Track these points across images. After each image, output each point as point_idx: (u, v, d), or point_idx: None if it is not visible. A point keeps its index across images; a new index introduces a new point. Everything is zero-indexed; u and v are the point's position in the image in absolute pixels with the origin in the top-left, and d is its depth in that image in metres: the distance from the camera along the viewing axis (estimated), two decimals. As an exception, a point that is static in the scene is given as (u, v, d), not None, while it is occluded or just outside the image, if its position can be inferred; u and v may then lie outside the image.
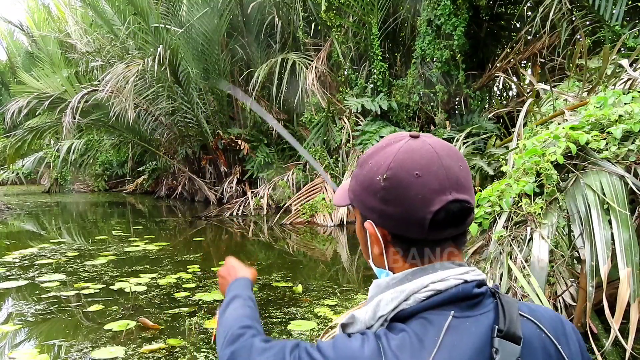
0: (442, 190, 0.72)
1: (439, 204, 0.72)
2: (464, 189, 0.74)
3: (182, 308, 4.60)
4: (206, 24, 11.95)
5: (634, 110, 2.73)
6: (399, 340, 0.69)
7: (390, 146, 0.77)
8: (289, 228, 9.63)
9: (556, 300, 3.04)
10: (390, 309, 0.73)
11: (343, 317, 2.91)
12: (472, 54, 9.76)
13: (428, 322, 0.71)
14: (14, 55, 24.23)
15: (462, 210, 0.74)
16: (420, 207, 0.72)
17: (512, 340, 0.70)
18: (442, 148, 0.75)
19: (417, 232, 0.74)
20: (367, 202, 0.78)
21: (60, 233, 9.88)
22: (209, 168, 14.18)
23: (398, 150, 0.75)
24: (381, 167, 0.75)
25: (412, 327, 0.71)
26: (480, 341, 0.70)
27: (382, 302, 0.74)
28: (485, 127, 8.78)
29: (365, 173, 0.78)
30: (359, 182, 0.79)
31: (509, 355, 0.69)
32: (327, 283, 5.57)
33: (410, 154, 0.74)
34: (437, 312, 0.72)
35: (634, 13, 7.63)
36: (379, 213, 0.76)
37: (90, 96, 12.65)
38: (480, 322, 0.72)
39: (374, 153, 0.79)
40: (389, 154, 0.75)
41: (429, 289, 0.73)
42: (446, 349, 0.68)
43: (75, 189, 20.51)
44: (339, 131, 10.51)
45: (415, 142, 0.75)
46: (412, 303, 0.72)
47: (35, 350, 3.71)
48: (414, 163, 0.73)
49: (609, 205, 2.49)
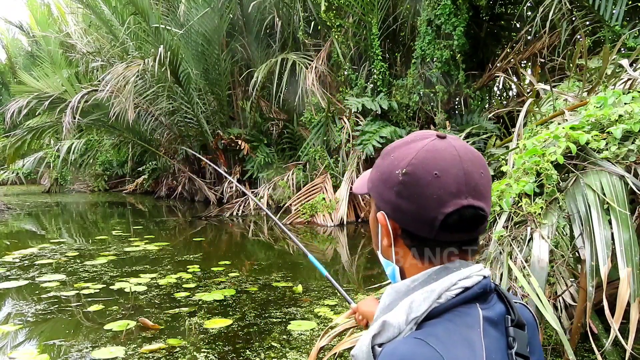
0: (459, 194, 0.72)
1: (453, 206, 0.72)
2: (481, 196, 0.74)
3: (182, 308, 4.60)
4: (206, 24, 11.94)
5: (634, 110, 2.73)
6: (443, 327, 0.71)
7: (415, 142, 0.77)
8: (289, 228, 9.63)
9: (556, 300, 3.04)
10: (424, 309, 0.73)
11: (342, 317, 2.91)
12: (472, 54, 9.76)
13: (464, 314, 0.73)
14: (14, 55, 24.22)
15: (475, 217, 0.74)
16: (434, 207, 0.73)
17: (520, 327, 0.76)
18: (466, 152, 0.75)
19: (426, 231, 0.75)
20: (383, 194, 0.78)
21: (60, 233, 9.88)
22: (209, 168, 14.18)
23: (422, 148, 0.75)
24: (402, 161, 0.75)
25: (450, 320, 0.72)
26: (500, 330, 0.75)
27: (414, 304, 0.73)
28: (485, 127, 8.78)
29: (386, 165, 0.78)
30: (379, 173, 0.80)
31: (522, 341, 0.74)
32: (327, 283, 5.56)
33: (433, 153, 0.74)
34: (467, 307, 0.74)
35: (634, 13, 7.63)
36: (393, 206, 0.77)
37: (90, 96, 12.65)
38: (497, 314, 0.76)
39: (398, 146, 0.79)
40: (412, 150, 0.76)
41: (458, 286, 0.74)
42: (486, 336, 0.71)
43: (75, 189, 20.50)
44: (339, 131, 10.50)
45: (440, 143, 0.76)
46: (444, 301, 0.73)
47: (35, 350, 3.71)
48: (435, 163, 0.73)
49: (609, 205, 2.49)
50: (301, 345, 3.69)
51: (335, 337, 2.74)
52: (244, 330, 4.05)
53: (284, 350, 3.61)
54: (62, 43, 18.21)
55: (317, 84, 10.77)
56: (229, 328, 4.09)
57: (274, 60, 11.60)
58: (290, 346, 3.69)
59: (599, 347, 2.60)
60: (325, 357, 2.73)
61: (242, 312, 4.49)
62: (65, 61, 17.74)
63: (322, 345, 2.68)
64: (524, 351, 0.74)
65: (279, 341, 3.79)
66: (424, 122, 10.02)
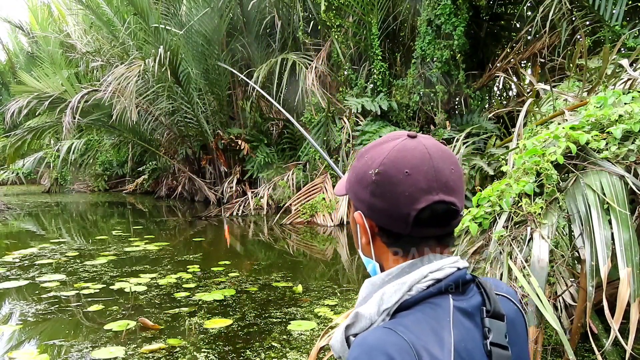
0: (429, 190, 0.75)
1: (425, 202, 0.75)
2: (452, 191, 0.77)
3: (182, 308, 4.60)
4: (206, 24, 11.94)
5: (634, 110, 2.73)
6: (412, 317, 0.73)
7: (386, 143, 0.80)
8: (289, 228, 9.63)
9: (556, 300, 3.04)
10: (395, 300, 0.75)
11: (343, 317, 2.91)
12: (472, 54, 9.75)
13: (434, 305, 0.75)
14: (14, 55, 24.22)
15: (447, 212, 0.77)
16: (406, 204, 0.75)
17: (498, 318, 0.77)
18: (437, 150, 0.78)
19: (401, 228, 0.77)
20: (359, 194, 0.81)
21: (60, 233, 9.88)
22: (209, 168, 14.18)
23: (393, 148, 0.78)
24: (375, 161, 0.78)
25: (420, 310, 0.74)
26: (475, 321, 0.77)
27: (385, 295, 0.76)
28: (485, 127, 8.77)
29: (360, 166, 0.81)
30: (355, 174, 0.83)
31: (498, 331, 0.76)
32: (327, 283, 5.57)
33: (403, 153, 0.77)
34: (439, 298, 0.76)
35: (634, 13, 7.63)
36: (368, 205, 0.80)
37: (90, 96, 12.64)
38: (472, 305, 0.78)
39: (371, 148, 0.82)
40: (384, 150, 0.79)
41: (428, 278, 0.76)
42: (456, 326, 0.73)
43: (75, 189, 20.50)
44: (339, 131, 10.51)
45: (410, 142, 0.78)
46: (414, 293, 0.75)
47: (35, 350, 3.71)
48: (405, 161, 0.76)
49: (609, 205, 2.49)
50: (301, 345, 3.69)
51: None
52: (244, 330, 4.05)
53: (284, 350, 3.61)
54: (62, 43, 18.21)
55: (317, 84, 10.77)
56: (229, 328, 4.09)
57: (274, 60, 11.60)
58: (291, 346, 3.69)
59: (599, 347, 2.60)
60: (325, 357, 2.74)
61: (242, 312, 4.49)
62: (65, 61, 17.73)
63: (322, 345, 2.68)
64: (501, 341, 0.76)
65: (279, 341, 3.79)
66: (424, 122, 10.01)
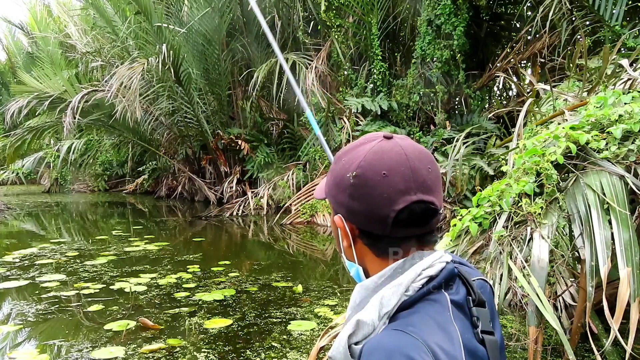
0: (407, 191, 0.75)
1: (403, 203, 0.75)
2: (430, 191, 0.77)
3: (182, 308, 4.60)
4: (207, 24, 11.95)
5: (634, 110, 2.73)
6: (417, 316, 0.73)
7: (363, 145, 0.80)
8: (289, 228, 9.63)
9: (556, 300, 3.04)
10: (394, 302, 0.75)
11: (342, 317, 2.91)
12: (472, 54, 9.75)
13: (433, 302, 0.75)
14: (14, 55, 24.22)
15: (426, 211, 0.77)
16: (384, 205, 0.75)
17: (481, 305, 0.79)
18: (413, 151, 0.78)
19: (380, 229, 0.78)
20: (337, 197, 0.81)
21: (60, 233, 9.88)
22: (209, 168, 14.18)
23: (369, 150, 0.78)
24: (352, 164, 0.78)
25: (421, 308, 0.75)
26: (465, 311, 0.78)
27: (384, 299, 0.75)
28: (485, 127, 8.77)
29: (338, 169, 0.81)
30: (333, 177, 0.83)
31: (485, 318, 0.79)
32: (327, 283, 5.57)
33: (380, 155, 0.77)
34: (435, 294, 0.76)
35: (634, 13, 7.63)
36: (347, 208, 0.80)
37: (90, 96, 12.64)
38: (461, 297, 0.79)
39: (348, 151, 0.82)
40: (361, 152, 0.79)
41: (422, 276, 0.76)
42: (456, 319, 0.75)
43: (75, 189, 20.49)
44: (339, 131, 10.50)
45: (387, 143, 0.78)
46: (412, 293, 0.76)
47: (35, 350, 3.71)
48: (382, 163, 0.76)
49: (609, 205, 2.49)
50: (301, 345, 3.69)
51: (335, 337, 2.74)
52: (244, 330, 4.05)
53: (284, 350, 3.61)
54: (61, 43, 18.21)
55: (317, 84, 10.77)
56: (229, 328, 4.09)
57: (273, 60, 11.59)
58: (291, 346, 3.69)
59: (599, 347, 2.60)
60: (325, 357, 2.73)
61: (242, 312, 4.49)
62: (65, 61, 17.72)
63: (322, 345, 2.68)
64: (487, 327, 0.78)
65: (279, 341, 3.79)
66: (424, 122, 10.02)
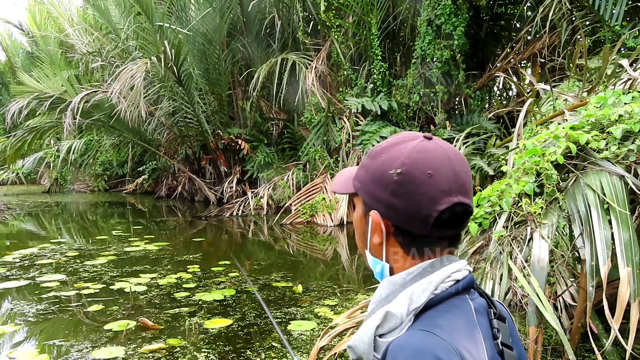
0: (450, 192, 0.76)
1: (445, 204, 0.76)
2: (468, 193, 0.79)
3: (182, 308, 4.60)
4: (207, 24, 11.95)
5: (634, 110, 2.73)
6: (444, 318, 0.74)
7: (404, 143, 0.80)
8: (289, 228, 9.63)
9: (556, 300, 3.04)
10: (424, 300, 0.76)
11: (343, 317, 2.91)
12: (472, 54, 9.75)
13: (456, 305, 0.77)
14: (14, 55, 24.22)
15: (464, 213, 0.79)
16: (427, 204, 0.76)
17: (501, 320, 0.82)
18: (454, 153, 0.80)
19: (420, 228, 0.78)
20: (376, 193, 0.81)
21: (60, 233, 9.88)
22: (209, 168, 14.18)
23: (413, 148, 0.78)
24: (395, 162, 0.78)
25: (446, 310, 0.76)
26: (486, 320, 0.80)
27: (414, 295, 0.76)
28: (485, 127, 8.77)
29: (377, 165, 0.81)
30: (370, 173, 0.82)
31: (504, 332, 0.80)
32: (327, 283, 5.57)
33: (424, 154, 0.78)
34: (458, 298, 0.78)
35: (634, 13, 7.63)
36: (387, 205, 0.79)
37: (90, 97, 12.64)
38: (481, 305, 0.81)
39: (387, 147, 0.82)
40: (404, 151, 0.79)
41: (451, 278, 0.78)
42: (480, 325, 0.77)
43: (75, 189, 20.50)
44: (339, 131, 10.51)
45: (429, 144, 0.79)
46: (439, 292, 0.77)
47: (35, 350, 3.71)
48: (427, 163, 0.77)
49: (609, 205, 2.49)
50: (301, 345, 3.70)
51: (335, 337, 2.74)
52: (244, 330, 4.05)
53: (284, 350, 3.61)
54: (61, 43, 18.21)
55: (317, 84, 10.77)
56: (229, 328, 4.09)
57: (274, 60, 11.60)
58: (291, 346, 3.69)
59: (599, 347, 2.60)
60: (325, 357, 2.74)
61: (242, 312, 4.49)
62: (65, 61, 17.72)
63: (322, 345, 2.68)
64: (507, 341, 0.79)
65: (279, 341, 3.79)
66: (424, 122, 10.02)
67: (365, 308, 2.82)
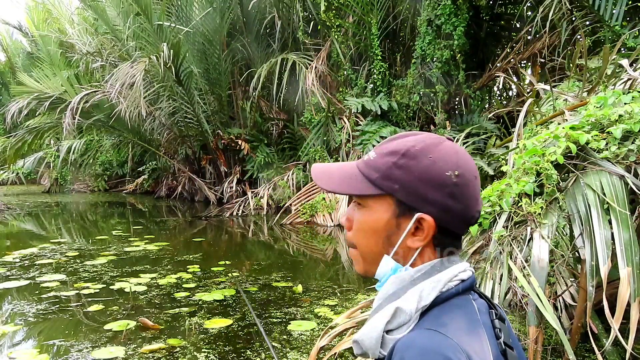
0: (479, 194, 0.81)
1: (481, 205, 0.81)
2: None
3: (182, 308, 4.60)
4: (208, 24, 11.96)
5: (634, 110, 2.73)
6: (449, 317, 0.74)
7: (442, 143, 0.79)
8: (289, 228, 9.63)
9: (556, 300, 3.04)
10: (432, 298, 0.76)
11: (342, 317, 2.91)
12: (472, 54, 9.75)
13: (460, 304, 0.77)
14: (14, 55, 24.22)
15: None
16: (473, 206, 0.79)
17: (502, 320, 0.82)
18: None
19: (463, 229, 0.81)
20: (428, 195, 0.77)
21: (61, 233, 9.88)
22: (209, 168, 14.18)
23: (456, 150, 0.79)
24: (447, 163, 0.77)
25: (450, 309, 0.76)
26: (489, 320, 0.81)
27: (423, 292, 0.76)
28: (485, 127, 8.77)
29: (425, 166, 0.77)
30: (416, 174, 0.77)
31: (505, 332, 0.81)
32: (327, 283, 5.57)
33: (464, 156, 0.80)
34: (461, 298, 0.79)
35: (634, 13, 7.63)
36: (442, 207, 0.77)
37: (90, 97, 12.64)
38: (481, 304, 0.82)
39: (428, 147, 0.78)
40: (450, 152, 0.78)
41: (458, 278, 0.79)
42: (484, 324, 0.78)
43: (75, 189, 20.50)
44: (339, 131, 10.51)
45: (458, 146, 0.82)
46: (446, 290, 0.77)
47: (35, 350, 3.71)
48: (471, 165, 0.79)
49: (609, 205, 2.49)
50: (301, 345, 3.69)
51: (335, 337, 2.74)
52: (244, 330, 4.05)
53: (284, 350, 3.61)
54: (61, 43, 18.21)
55: (317, 84, 10.77)
56: (229, 328, 4.09)
57: (274, 60, 11.60)
58: (291, 346, 3.69)
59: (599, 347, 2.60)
60: (325, 357, 2.74)
61: (242, 312, 4.49)
62: (65, 62, 17.72)
63: (322, 345, 2.68)
64: (508, 341, 0.80)
65: (279, 341, 3.79)
66: (424, 122, 10.02)
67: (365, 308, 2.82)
